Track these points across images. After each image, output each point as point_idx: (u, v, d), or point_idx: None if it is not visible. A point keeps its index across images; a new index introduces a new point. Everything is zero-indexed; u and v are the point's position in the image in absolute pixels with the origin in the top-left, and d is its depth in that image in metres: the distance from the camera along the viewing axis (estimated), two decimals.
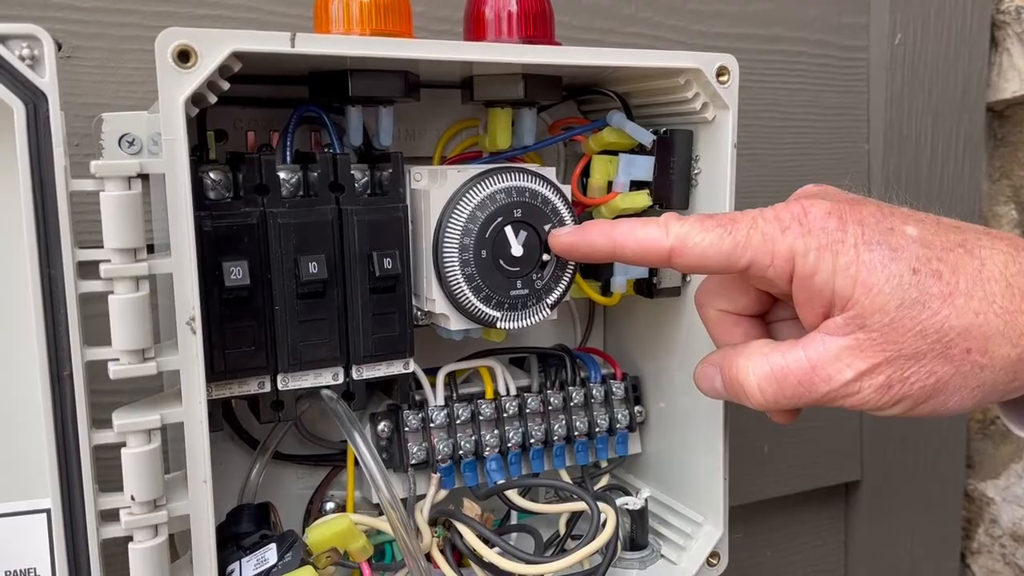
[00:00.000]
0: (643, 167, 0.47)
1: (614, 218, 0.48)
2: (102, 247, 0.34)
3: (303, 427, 0.48)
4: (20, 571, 0.36)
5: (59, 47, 0.35)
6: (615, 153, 0.48)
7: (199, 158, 0.41)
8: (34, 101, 0.32)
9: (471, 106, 0.48)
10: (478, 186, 0.42)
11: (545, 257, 0.44)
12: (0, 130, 0.32)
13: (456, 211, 0.42)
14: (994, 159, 0.85)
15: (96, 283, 0.34)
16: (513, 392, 0.49)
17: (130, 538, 0.36)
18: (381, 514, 0.44)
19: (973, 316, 0.35)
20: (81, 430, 0.34)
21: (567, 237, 0.43)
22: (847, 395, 0.37)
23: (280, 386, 0.40)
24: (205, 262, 0.37)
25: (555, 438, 0.49)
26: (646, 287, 0.49)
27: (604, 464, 0.53)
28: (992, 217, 0.85)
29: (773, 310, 0.44)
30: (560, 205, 0.44)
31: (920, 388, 0.36)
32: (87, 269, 0.34)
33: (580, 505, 0.48)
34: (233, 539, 0.42)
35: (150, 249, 0.37)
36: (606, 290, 0.49)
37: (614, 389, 0.51)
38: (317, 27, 0.40)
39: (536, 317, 0.45)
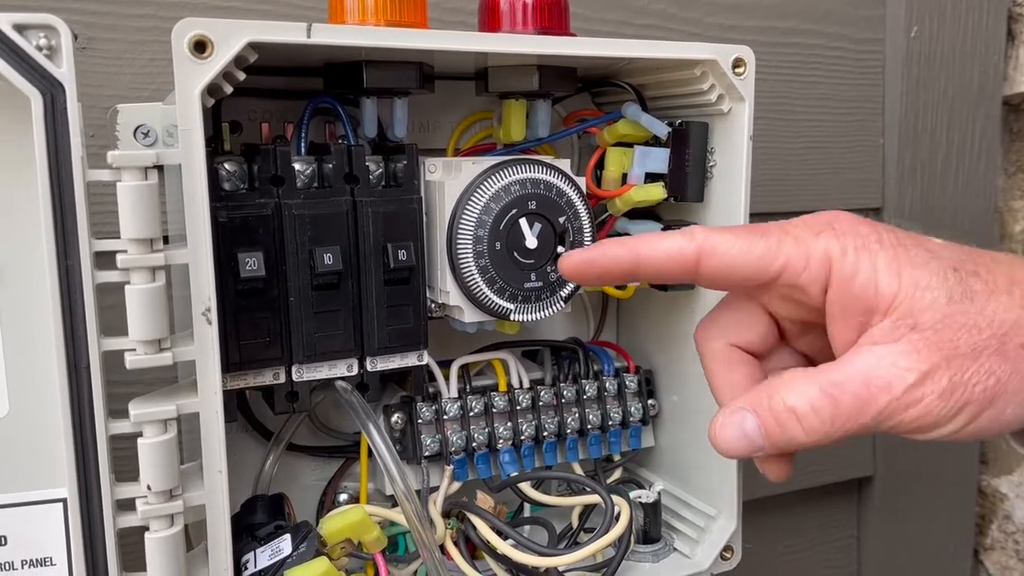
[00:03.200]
0: (658, 159, 0.47)
1: (628, 210, 0.48)
2: (119, 238, 0.34)
3: (317, 418, 0.49)
4: (36, 560, 0.36)
5: (75, 38, 0.35)
6: (630, 145, 0.48)
7: (214, 149, 0.41)
8: (51, 91, 0.32)
9: (485, 98, 0.48)
10: (492, 178, 0.42)
11: (560, 249, 0.44)
12: (18, 120, 0.33)
13: (470, 203, 0.42)
14: (1010, 153, 0.84)
15: (113, 273, 0.34)
16: (526, 385, 0.49)
17: (146, 528, 0.36)
18: (394, 506, 0.44)
19: (1020, 310, 0.34)
20: (98, 420, 0.34)
21: (581, 254, 0.39)
22: (910, 404, 0.34)
23: (295, 377, 0.40)
24: (220, 253, 0.37)
25: (568, 431, 0.49)
26: None
27: (617, 457, 0.53)
28: (1008, 212, 0.85)
29: (773, 355, 0.41)
30: (575, 197, 0.44)
31: (982, 391, 0.34)
32: (104, 259, 0.34)
33: (593, 498, 0.48)
34: (248, 530, 0.42)
35: (165, 240, 0.37)
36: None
37: (627, 382, 0.51)
38: (332, 18, 0.40)
39: (550, 310, 0.44)
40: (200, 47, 0.34)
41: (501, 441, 0.47)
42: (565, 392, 0.49)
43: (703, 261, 0.37)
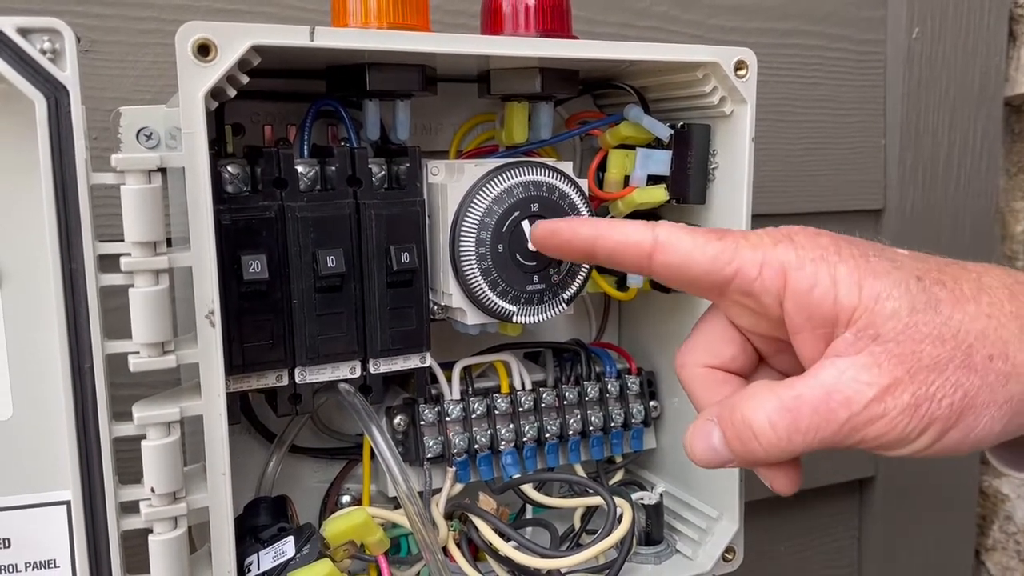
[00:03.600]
0: (660, 161, 0.47)
1: (630, 212, 0.49)
2: (122, 240, 0.34)
3: (320, 420, 0.49)
4: (40, 562, 0.36)
5: (78, 41, 0.35)
6: (632, 147, 0.48)
7: (217, 152, 0.41)
8: (55, 95, 0.32)
9: (487, 100, 0.48)
10: (495, 180, 0.42)
11: None
12: (22, 124, 0.33)
13: (473, 205, 0.42)
14: (1011, 154, 0.84)
15: (117, 276, 0.34)
16: (528, 387, 0.49)
17: (150, 530, 0.36)
18: (397, 507, 0.44)
19: (986, 319, 0.33)
20: (102, 422, 0.34)
21: (551, 223, 0.41)
22: (871, 419, 0.33)
23: (298, 379, 0.40)
24: (224, 256, 0.37)
25: (570, 432, 0.49)
26: None
27: (619, 459, 0.53)
28: (1009, 212, 0.85)
29: (756, 376, 0.40)
30: (577, 199, 0.44)
31: (948, 405, 0.33)
32: (107, 262, 0.34)
33: (595, 500, 0.48)
34: (251, 532, 0.42)
35: (168, 243, 0.37)
36: (622, 285, 0.49)
37: (629, 384, 0.51)
38: (335, 20, 0.40)
39: (552, 312, 0.45)
40: (204, 50, 0.34)
41: (503, 443, 0.47)
42: (567, 394, 0.49)
43: (657, 254, 0.36)
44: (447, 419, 0.46)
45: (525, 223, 0.43)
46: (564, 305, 0.45)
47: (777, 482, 0.38)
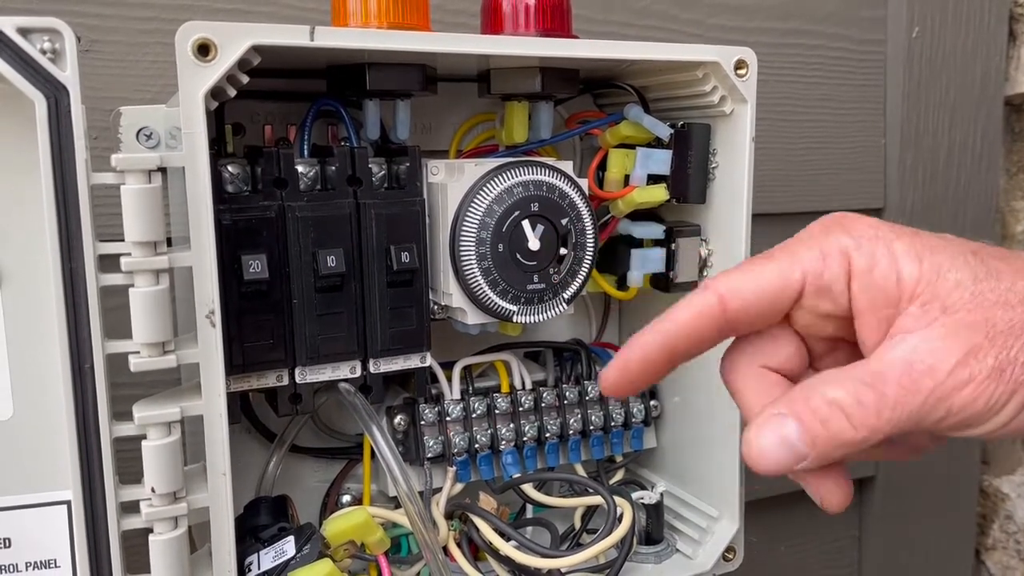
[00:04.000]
0: (660, 161, 0.47)
1: (631, 212, 0.48)
2: (123, 240, 0.34)
3: (320, 420, 0.49)
4: (40, 562, 0.36)
5: (78, 40, 0.35)
6: (632, 147, 0.48)
7: (217, 152, 0.41)
8: (56, 95, 0.32)
9: (488, 99, 0.48)
10: (495, 180, 0.42)
11: (562, 251, 0.44)
12: (22, 124, 0.33)
13: (473, 205, 0.42)
14: (1011, 154, 0.84)
15: (117, 276, 0.34)
16: (528, 386, 0.49)
17: (150, 530, 0.36)
18: (397, 507, 0.45)
19: None
20: (102, 422, 0.34)
21: (615, 364, 0.36)
22: (958, 386, 0.31)
23: (298, 379, 0.40)
24: (224, 256, 0.37)
25: (570, 432, 0.49)
26: (663, 281, 0.49)
27: (619, 458, 0.53)
28: (1009, 212, 0.85)
29: (802, 379, 0.37)
30: (577, 199, 0.44)
31: None
32: (108, 262, 0.34)
33: (596, 499, 0.48)
34: (251, 531, 0.42)
35: (168, 243, 0.37)
36: (622, 284, 0.49)
37: None
38: (335, 20, 0.40)
39: (553, 311, 0.45)
40: (204, 50, 0.34)
41: (504, 442, 0.47)
42: (567, 393, 0.49)
43: (728, 304, 0.35)
44: (447, 419, 0.46)
45: (525, 223, 0.43)
46: (564, 304, 0.45)
47: (830, 496, 0.36)
